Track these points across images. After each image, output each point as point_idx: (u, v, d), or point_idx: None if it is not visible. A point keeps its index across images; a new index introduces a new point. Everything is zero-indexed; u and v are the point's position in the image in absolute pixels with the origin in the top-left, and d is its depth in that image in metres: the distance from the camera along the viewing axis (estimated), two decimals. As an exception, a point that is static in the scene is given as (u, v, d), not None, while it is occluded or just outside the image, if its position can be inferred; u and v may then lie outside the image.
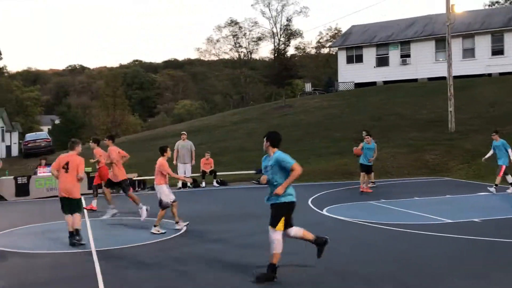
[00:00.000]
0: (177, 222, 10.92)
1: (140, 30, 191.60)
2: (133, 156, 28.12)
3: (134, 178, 19.38)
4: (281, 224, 6.98)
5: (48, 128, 69.96)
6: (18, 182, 17.69)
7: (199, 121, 42.87)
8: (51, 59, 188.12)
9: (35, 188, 17.78)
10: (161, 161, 10.82)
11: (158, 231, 10.48)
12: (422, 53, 37.76)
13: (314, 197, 15.27)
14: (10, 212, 14.95)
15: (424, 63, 37.56)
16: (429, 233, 9.76)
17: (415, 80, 37.59)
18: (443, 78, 30.15)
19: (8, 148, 45.92)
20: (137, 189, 19.02)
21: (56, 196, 17.56)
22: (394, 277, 7.07)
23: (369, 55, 39.86)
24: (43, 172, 18.22)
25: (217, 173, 19.99)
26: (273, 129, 8.09)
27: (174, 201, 10.82)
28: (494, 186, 15.12)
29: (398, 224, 10.69)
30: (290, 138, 28.06)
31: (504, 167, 15.00)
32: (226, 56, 70.26)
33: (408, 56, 38.42)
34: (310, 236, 7.36)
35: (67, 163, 9.75)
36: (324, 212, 12.62)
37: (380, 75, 39.29)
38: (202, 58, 74.33)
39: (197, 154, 24.49)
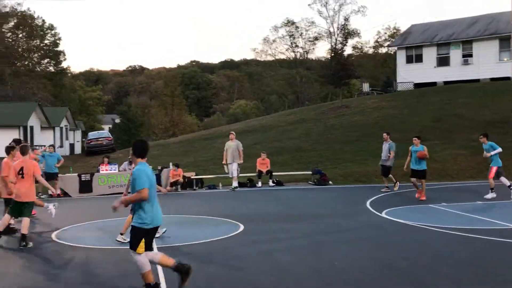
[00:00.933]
0: (121, 234, 9.81)
1: (197, 31, 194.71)
2: (191, 155, 28.69)
3: (192, 177, 19.68)
4: (140, 248, 6.39)
5: (109, 127, 72.13)
6: (82, 179, 18.33)
7: (255, 120, 43.08)
8: (112, 60, 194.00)
9: (97, 185, 18.37)
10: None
11: (124, 239, 9.52)
12: (485, 52, 36.48)
13: (372, 199, 15.07)
14: (74, 208, 15.50)
15: (487, 63, 36.27)
16: (493, 239, 9.41)
17: (477, 80, 36.37)
18: (507, 78, 29.07)
19: (72, 146, 47.65)
20: (194, 187, 19.30)
21: (117, 193, 18.19)
22: (460, 283, 6.86)
23: (429, 54, 38.89)
24: (105, 170, 18.78)
25: (273, 173, 20.00)
26: (329, 130, 7.96)
27: None
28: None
29: (459, 228, 10.37)
30: (347, 138, 27.80)
31: (494, 168, 14.68)
32: (282, 56, 70.30)
33: (470, 55, 37.21)
34: (169, 262, 6.57)
35: (21, 169, 10.01)
36: (383, 214, 12.41)
37: (440, 75, 38.26)
38: (258, 58, 74.66)
39: (253, 154, 24.64)
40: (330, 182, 19.68)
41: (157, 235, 9.77)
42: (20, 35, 60.31)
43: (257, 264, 8.06)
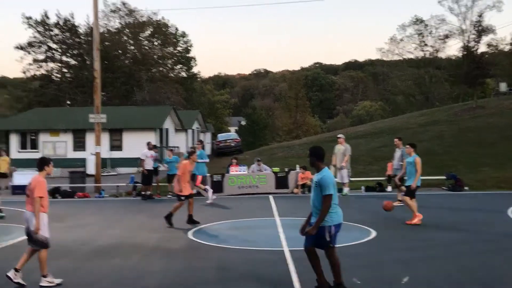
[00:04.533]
0: (17, 270, 7.46)
1: (321, 33, 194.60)
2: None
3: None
4: None
5: (235, 129, 74.33)
6: (214, 180, 18.99)
7: (381, 122, 42.00)
8: (238, 64, 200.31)
9: (228, 186, 18.94)
10: (39, 178, 7.57)
11: (52, 282, 7.48)
12: None
13: (514, 207, 13.95)
14: (207, 208, 16.07)
15: None
16: None
17: None
18: None
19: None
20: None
21: (246, 194, 18.63)
22: None
23: None
24: (235, 171, 19.30)
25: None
26: (463, 132, 7.43)
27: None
28: None
29: None
30: (484, 141, 26.12)
31: None
32: (410, 56, 67.73)
33: None
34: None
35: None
36: (529, 224, 11.43)
37: None
38: (384, 58, 72.60)
39: (381, 157, 24.00)
40: (466, 188, 18.54)
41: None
42: (156, 43, 64.17)
43: (393, 273, 7.76)
